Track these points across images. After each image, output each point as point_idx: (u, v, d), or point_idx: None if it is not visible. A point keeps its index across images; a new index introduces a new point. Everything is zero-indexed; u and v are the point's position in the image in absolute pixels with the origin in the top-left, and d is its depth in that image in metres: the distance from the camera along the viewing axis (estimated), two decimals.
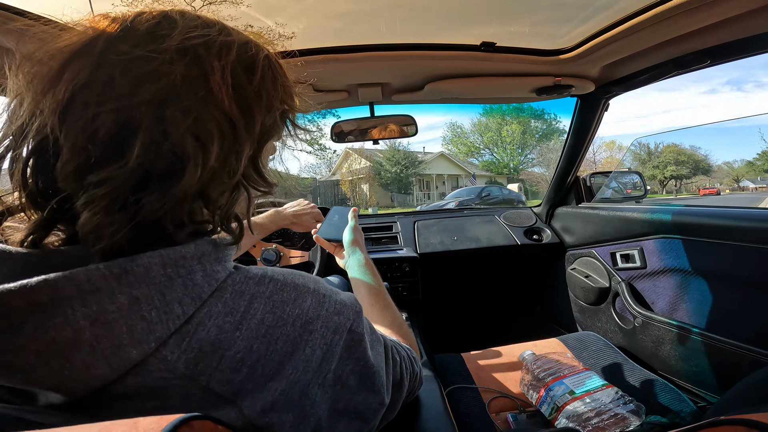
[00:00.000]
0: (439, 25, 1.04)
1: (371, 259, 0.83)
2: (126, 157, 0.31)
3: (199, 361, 0.32)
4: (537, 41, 1.15)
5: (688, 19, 0.91)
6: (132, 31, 0.34)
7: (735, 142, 51.18)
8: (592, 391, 0.89)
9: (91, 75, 0.32)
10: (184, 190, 0.33)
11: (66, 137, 0.31)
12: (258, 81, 0.39)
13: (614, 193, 1.93)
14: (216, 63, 0.35)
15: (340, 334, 0.41)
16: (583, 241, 1.86)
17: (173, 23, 0.35)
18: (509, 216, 2.15)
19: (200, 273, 0.35)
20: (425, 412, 0.75)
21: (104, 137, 0.31)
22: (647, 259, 1.49)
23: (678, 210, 1.39)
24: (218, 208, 0.38)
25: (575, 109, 1.67)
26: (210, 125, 0.35)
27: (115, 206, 0.32)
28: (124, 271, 0.31)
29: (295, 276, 0.41)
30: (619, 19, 1.00)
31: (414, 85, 1.33)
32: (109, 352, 0.30)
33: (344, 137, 1.47)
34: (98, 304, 0.30)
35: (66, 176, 0.32)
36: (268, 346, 0.35)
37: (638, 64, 1.23)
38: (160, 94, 0.32)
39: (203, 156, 0.34)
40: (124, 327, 0.30)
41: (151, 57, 0.33)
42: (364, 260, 0.81)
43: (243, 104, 0.37)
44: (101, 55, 0.32)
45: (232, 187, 0.39)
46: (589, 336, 1.34)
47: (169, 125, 0.32)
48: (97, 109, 0.31)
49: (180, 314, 0.32)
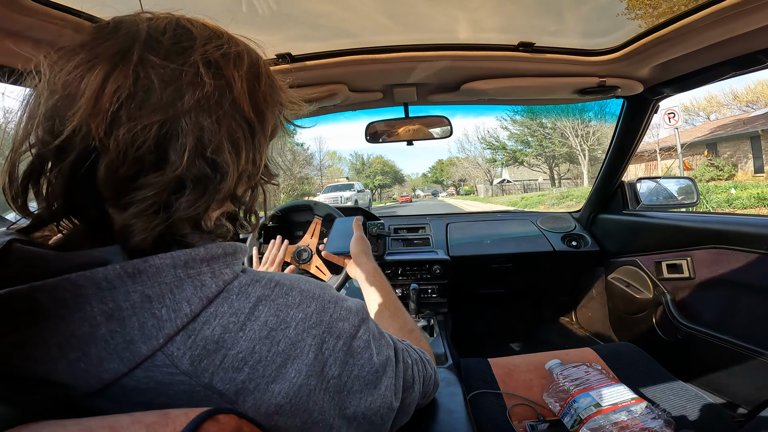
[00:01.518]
0: (475, 25, 1.03)
1: (378, 267, 0.86)
2: (169, 164, 0.34)
3: (203, 358, 0.33)
4: (578, 41, 1.11)
5: (747, 18, 0.85)
6: (156, 42, 0.35)
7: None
8: (620, 405, 0.85)
9: (132, 87, 0.33)
10: (224, 191, 0.37)
11: (114, 148, 0.33)
12: (264, 86, 0.42)
13: (663, 200, 1.81)
14: (236, 73, 0.38)
15: (344, 340, 0.41)
16: (626, 249, 1.77)
17: (189, 33, 0.38)
18: (546, 221, 2.09)
19: (209, 274, 0.36)
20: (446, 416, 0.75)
21: (149, 147, 0.33)
22: (696, 270, 1.40)
23: (734, 220, 1.31)
24: (242, 204, 0.42)
25: (621, 111, 1.59)
26: (239, 132, 0.38)
27: (154, 209, 0.34)
28: (138, 271, 0.33)
29: (301, 281, 0.42)
30: (671, 18, 0.94)
31: (449, 86, 1.33)
32: (122, 347, 0.32)
33: (378, 138, 1.48)
34: (113, 301, 0.32)
35: (111, 183, 0.33)
36: (270, 347, 0.36)
37: (692, 64, 1.16)
38: (197, 105, 0.35)
39: (237, 160, 0.37)
40: (136, 323, 0.32)
41: (184, 70, 0.35)
42: (372, 269, 0.84)
43: (257, 109, 0.40)
44: (137, 67, 0.34)
45: (254, 185, 0.43)
46: (625, 347, 1.28)
47: (207, 133, 0.35)
48: (142, 121, 0.33)
49: (188, 312, 0.34)
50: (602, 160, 1.82)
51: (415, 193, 51.87)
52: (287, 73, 0.50)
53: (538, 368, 1.17)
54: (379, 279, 0.82)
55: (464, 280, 1.95)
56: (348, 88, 1.26)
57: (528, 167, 31.19)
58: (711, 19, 0.87)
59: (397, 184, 55.34)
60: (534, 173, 32.49)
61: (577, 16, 0.99)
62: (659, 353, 1.26)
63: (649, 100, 1.43)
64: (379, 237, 1.73)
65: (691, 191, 1.77)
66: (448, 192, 48.49)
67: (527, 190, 30.21)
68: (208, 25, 0.40)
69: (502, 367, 1.21)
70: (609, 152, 1.74)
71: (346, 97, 1.29)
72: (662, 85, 1.32)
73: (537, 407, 1.01)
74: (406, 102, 1.44)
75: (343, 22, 0.99)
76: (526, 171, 33.19)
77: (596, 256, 1.93)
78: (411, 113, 1.46)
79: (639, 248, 1.69)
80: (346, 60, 1.12)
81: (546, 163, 30.00)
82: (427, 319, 1.40)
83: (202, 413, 0.28)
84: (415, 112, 1.46)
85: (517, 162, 31.46)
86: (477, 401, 1.05)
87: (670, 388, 1.07)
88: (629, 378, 1.11)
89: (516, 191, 30.76)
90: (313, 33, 1.03)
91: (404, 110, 1.46)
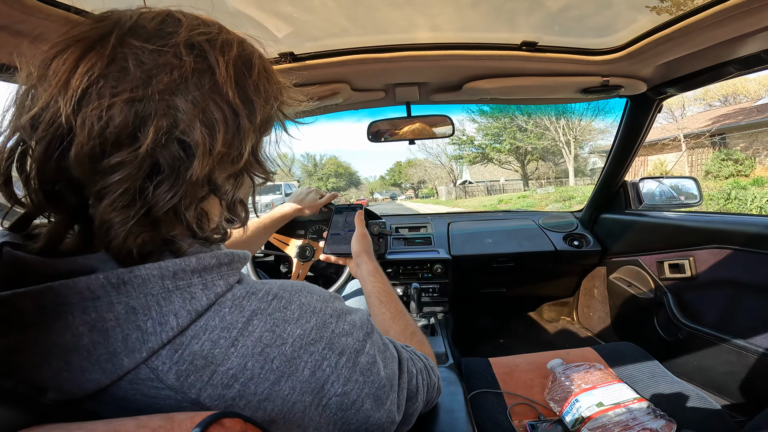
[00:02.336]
0: (477, 24, 1.03)
1: (380, 266, 0.84)
2: (140, 142, 0.33)
3: (191, 373, 0.32)
4: (581, 40, 1.10)
5: (752, 18, 0.84)
6: (140, 27, 0.35)
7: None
8: (622, 404, 0.86)
9: (105, 67, 0.33)
10: (194, 175, 0.35)
11: (81, 126, 0.32)
12: (256, 76, 0.41)
13: (665, 200, 1.81)
14: (220, 58, 0.38)
15: (347, 356, 0.40)
16: (628, 248, 1.77)
17: (178, 21, 0.37)
18: (548, 220, 2.08)
19: (200, 286, 0.35)
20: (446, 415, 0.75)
21: (119, 125, 0.32)
22: (698, 270, 1.40)
23: (736, 220, 1.31)
24: (224, 193, 0.40)
25: (624, 110, 1.59)
26: (217, 114, 0.37)
27: (129, 194, 0.33)
28: (123, 281, 0.32)
29: (303, 293, 0.41)
30: (675, 17, 0.93)
31: (452, 85, 1.32)
32: (104, 359, 0.31)
33: (380, 137, 1.47)
34: (97, 312, 0.31)
35: (80, 162, 0.32)
36: (264, 365, 0.35)
37: (696, 63, 1.15)
38: (172, 85, 0.34)
39: (210, 142, 0.36)
40: (120, 335, 0.32)
41: (162, 51, 0.35)
42: (372, 269, 0.82)
43: (244, 96, 0.40)
44: (114, 49, 0.33)
45: (236, 174, 0.42)
46: (627, 347, 1.28)
47: (180, 114, 0.34)
48: (111, 99, 0.32)
49: (174, 326, 0.33)
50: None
51: (372, 197, 49.41)
52: (289, 72, 0.50)
53: (539, 368, 1.17)
54: (380, 279, 0.80)
55: (465, 279, 1.94)
56: (350, 87, 1.25)
57: (498, 165, 28.75)
58: (715, 19, 0.86)
59: (353, 187, 52.71)
60: (496, 174, 30.36)
61: (580, 15, 0.98)
62: (660, 353, 1.26)
63: (652, 100, 1.43)
64: (381, 236, 1.73)
65: (694, 191, 1.77)
66: (407, 195, 46.32)
67: (490, 192, 28.04)
68: (201, 17, 0.40)
69: (503, 366, 1.21)
70: (611, 151, 1.73)
71: (348, 96, 1.29)
72: (666, 85, 1.31)
73: (538, 407, 1.01)
74: (408, 101, 1.43)
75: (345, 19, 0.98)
76: (488, 172, 31.04)
77: (598, 256, 1.93)
78: (413, 112, 1.45)
79: (641, 248, 1.69)
80: (348, 59, 1.11)
81: (519, 160, 27.44)
82: (428, 318, 1.40)
83: (207, 417, 0.27)
84: (417, 112, 1.45)
85: (486, 159, 28.69)
86: (477, 401, 1.05)
87: (671, 388, 1.07)
88: (630, 378, 1.11)
89: (480, 193, 28.71)
90: (315, 32, 1.02)
91: (406, 109, 1.45)
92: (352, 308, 0.46)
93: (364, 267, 0.83)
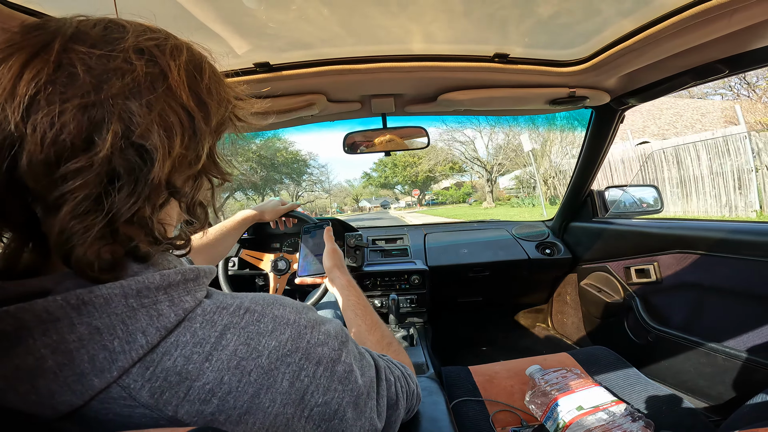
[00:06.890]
0: (452, 36, 1.05)
1: (353, 279, 0.85)
2: (97, 147, 0.32)
3: (165, 390, 0.32)
4: (550, 52, 1.15)
5: (707, 29, 0.88)
6: (83, 34, 0.34)
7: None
8: (601, 407, 0.87)
9: (53, 73, 0.32)
10: (154, 178, 0.35)
11: (32, 133, 0.31)
12: (207, 79, 0.41)
13: (629, 207, 1.89)
14: (172, 62, 0.37)
15: (324, 365, 0.40)
16: (597, 255, 1.83)
17: (122, 28, 0.37)
18: (521, 229, 2.14)
19: (166, 303, 0.35)
20: (429, 424, 0.74)
21: (73, 131, 0.31)
22: (662, 274, 1.46)
23: (696, 225, 1.38)
24: (184, 195, 0.40)
25: (590, 121, 1.66)
26: (173, 117, 0.36)
27: (90, 200, 0.32)
28: (83, 302, 0.31)
29: (275, 306, 0.41)
30: (635, 29, 0.98)
31: (427, 96, 1.34)
32: (72, 380, 0.30)
33: (356, 148, 1.47)
34: (58, 334, 0.30)
35: (34, 170, 0.31)
36: (241, 378, 0.35)
37: (655, 74, 1.21)
38: (125, 89, 0.33)
39: (169, 145, 0.36)
40: (86, 356, 0.31)
41: (111, 56, 0.34)
42: (346, 283, 0.83)
43: (198, 99, 0.39)
44: (59, 54, 0.32)
45: (195, 176, 0.42)
46: (601, 351, 1.31)
47: (135, 118, 0.34)
48: (62, 105, 0.31)
49: (143, 344, 0.32)
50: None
51: (359, 206, 43.68)
52: (265, 82, 0.50)
53: (518, 374, 1.18)
54: (354, 292, 0.81)
55: (443, 289, 1.96)
56: (326, 98, 1.25)
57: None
58: (671, 30, 0.91)
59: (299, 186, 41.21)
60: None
61: (548, 28, 1.02)
62: (632, 355, 1.29)
63: (615, 111, 1.49)
64: (358, 248, 1.71)
65: (656, 198, 1.86)
66: (406, 202, 37.43)
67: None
68: (145, 23, 0.40)
69: (483, 374, 1.21)
70: (578, 162, 1.80)
71: (324, 107, 1.29)
72: (627, 95, 1.37)
73: (519, 413, 1.01)
74: (384, 113, 1.44)
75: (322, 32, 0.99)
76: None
77: (569, 263, 1.99)
78: (389, 124, 1.46)
79: (609, 254, 1.75)
80: (324, 70, 1.11)
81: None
82: (407, 328, 1.39)
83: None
84: (392, 123, 1.46)
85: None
86: (460, 409, 1.04)
87: (645, 390, 1.10)
88: (606, 381, 1.14)
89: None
90: (291, 43, 1.02)
91: (382, 121, 1.46)
92: (326, 318, 0.46)
93: (337, 282, 0.84)
